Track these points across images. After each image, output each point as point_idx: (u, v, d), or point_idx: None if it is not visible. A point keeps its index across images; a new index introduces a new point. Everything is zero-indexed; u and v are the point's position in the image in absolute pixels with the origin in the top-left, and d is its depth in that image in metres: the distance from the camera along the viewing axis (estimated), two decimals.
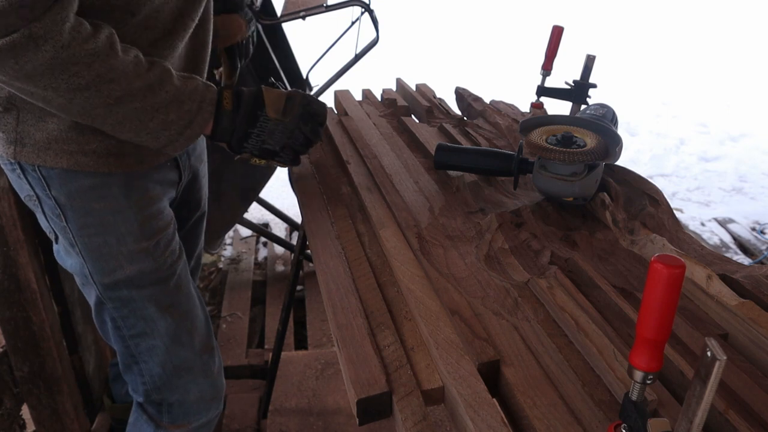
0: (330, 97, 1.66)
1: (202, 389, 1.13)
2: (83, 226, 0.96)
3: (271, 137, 0.99)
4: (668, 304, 0.48)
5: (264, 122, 0.98)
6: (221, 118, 0.96)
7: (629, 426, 0.54)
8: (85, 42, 0.77)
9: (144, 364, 1.08)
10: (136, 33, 0.88)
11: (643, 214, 0.96)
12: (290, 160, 1.03)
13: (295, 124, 0.99)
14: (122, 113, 0.85)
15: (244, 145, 0.98)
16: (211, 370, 1.14)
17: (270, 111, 0.98)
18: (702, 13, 7.58)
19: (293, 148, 1.01)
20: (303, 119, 1.00)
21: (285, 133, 0.99)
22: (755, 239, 3.02)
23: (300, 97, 1.01)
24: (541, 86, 1.34)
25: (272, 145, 0.99)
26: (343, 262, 0.90)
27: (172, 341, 1.07)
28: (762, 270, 0.81)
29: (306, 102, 1.01)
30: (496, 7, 7.55)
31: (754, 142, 4.30)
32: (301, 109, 1.00)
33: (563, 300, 0.76)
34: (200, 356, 1.11)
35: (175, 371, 1.09)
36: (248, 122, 0.97)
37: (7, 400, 1.46)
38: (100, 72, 0.80)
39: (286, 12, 2.02)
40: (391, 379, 0.67)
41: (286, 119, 0.99)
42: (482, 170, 1.08)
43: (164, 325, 1.05)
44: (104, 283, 1.00)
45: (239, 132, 0.98)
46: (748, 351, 0.71)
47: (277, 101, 0.99)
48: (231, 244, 2.84)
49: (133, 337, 1.06)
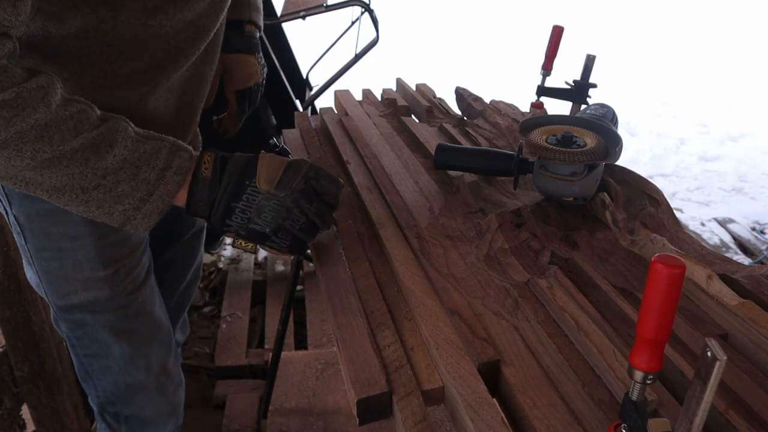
0: (330, 97, 1.66)
1: (158, 406, 1.11)
2: (41, 248, 0.93)
3: (259, 215, 0.78)
4: (668, 304, 0.48)
5: (251, 194, 0.78)
6: (197, 186, 0.78)
7: (629, 426, 0.54)
8: (3, 91, 0.64)
9: (98, 381, 1.06)
10: (116, 62, 0.80)
11: (643, 214, 0.96)
12: (288, 247, 0.81)
13: (293, 201, 0.79)
14: (57, 179, 0.70)
15: (227, 222, 0.79)
16: (167, 389, 1.11)
17: (261, 181, 0.78)
18: (702, 13, 7.58)
19: (292, 232, 0.80)
20: (306, 196, 0.79)
21: (278, 211, 0.78)
22: (755, 239, 3.02)
23: (305, 167, 0.81)
24: (541, 86, 1.34)
25: (260, 225, 0.79)
26: (343, 262, 0.90)
27: (126, 364, 1.03)
28: (762, 270, 0.81)
29: (313, 175, 0.81)
30: (496, 7, 7.55)
31: (754, 142, 4.30)
32: (303, 183, 0.79)
33: (563, 300, 0.76)
34: (156, 378, 1.08)
35: (128, 389, 1.07)
36: (232, 194, 0.78)
37: (7, 400, 1.46)
38: (22, 129, 0.66)
39: (286, 12, 2.02)
40: (391, 379, 0.67)
41: (282, 193, 0.78)
42: (482, 170, 1.08)
43: (118, 349, 1.02)
44: (58, 304, 0.98)
45: (221, 205, 0.78)
46: (748, 351, 0.71)
47: (272, 169, 0.79)
48: (231, 244, 2.84)
49: (87, 356, 1.04)
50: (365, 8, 1.99)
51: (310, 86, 2.22)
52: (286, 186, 0.78)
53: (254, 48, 1.19)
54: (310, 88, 2.22)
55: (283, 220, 0.79)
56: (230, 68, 1.18)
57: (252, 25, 1.18)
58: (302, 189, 0.79)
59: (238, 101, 1.20)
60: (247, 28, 1.17)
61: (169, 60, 0.85)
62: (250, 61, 1.18)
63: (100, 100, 0.80)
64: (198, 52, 0.89)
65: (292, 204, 0.79)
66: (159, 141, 0.76)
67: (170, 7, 0.79)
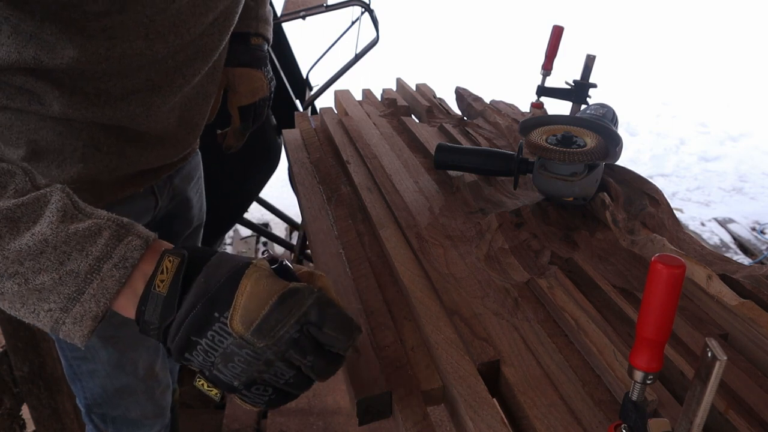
0: (330, 97, 1.66)
1: (145, 409, 1.11)
2: None
3: (225, 363, 0.55)
4: (668, 304, 0.48)
5: (218, 333, 0.54)
6: (146, 304, 0.56)
7: (629, 426, 0.54)
8: None
9: (85, 383, 1.06)
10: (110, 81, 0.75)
11: (643, 214, 0.96)
12: (266, 403, 0.58)
13: (276, 354, 0.54)
14: None
15: (186, 356, 0.56)
16: (155, 393, 1.11)
17: (235, 318, 0.54)
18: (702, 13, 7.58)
19: (274, 385, 0.57)
20: (298, 347, 0.55)
21: (252, 364, 0.54)
22: (755, 239, 3.02)
23: (306, 305, 0.55)
24: (541, 86, 1.34)
25: (227, 376, 0.55)
26: (343, 262, 0.90)
27: (113, 368, 1.02)
28: (762, 270, 0.81)
29: (314, 319, 0.55)
30: (496, 7, 7.55)
31: (754, 142, 4.30)
32: (296, 331, 0.54)
33: (563, 300, 0.76)
34: (144, 381, 1.07)
35: (116, 393, 1.06)
36: (194, 326, 0.55)
37: (7, 400, 1.46)
38: None
39: (286, 12, 2.02)
40: (391, 379, 0.67)
41: (260, 343, 0.53)
42: (482, 170, 1.08)
43: (105, 354, 1.01)
44: None
45: (179, 335, 0.55)
46: (748, 351, 0.71)
47: (255, 302, 0.54)
48: (231, 244, 2.84)
49: (75, 359, 1.03)
50: (365, 8, 1.99)
51: (310, 86, 2.22)
52: (268, 333, 0.53)
53: (261, 62, 1.13)
54: (310, 88, 2.22)
55: (260, 374, 0.55)
56: (234, 82, 1.12)
57: (259, 37, 1.13)
58: (293, 339, 0.54)
59: (242, 117, 1.13)
60: (253, 41, 1.12)
61: (165, 80, 0.79)
62: (256, 76, 1.12)
63: (92, 118, 0.78)
64: (200, 72, 0.85)
65: (274, 356, 0.54)
66: (101, 220, 0.57)
67: (171, 34, 0.75)
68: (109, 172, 0.87)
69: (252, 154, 1.79)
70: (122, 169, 0.89)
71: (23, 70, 0.72)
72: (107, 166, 0.86)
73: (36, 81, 0.74)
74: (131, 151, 0.88)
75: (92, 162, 0.84)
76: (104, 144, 0.84)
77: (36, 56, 0.69)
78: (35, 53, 0.69)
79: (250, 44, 1.12)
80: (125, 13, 0.69)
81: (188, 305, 0.55)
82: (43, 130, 0.79)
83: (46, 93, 0.74)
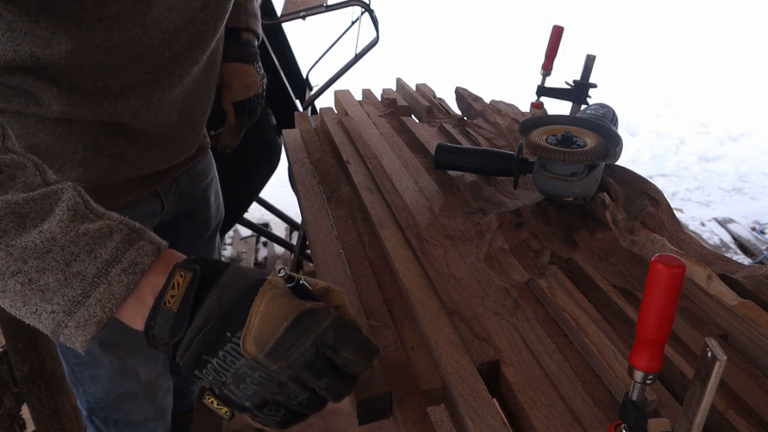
0: (330, 97, 1.66)
1: (146, 412, 1.11)
2: None
3: (237, 384, 0.54)
4: (668, 304, 0.48)
5: (230, 354, 0.54)
6: (156, 319, 0.55)
7: (629, 426, 0.54)
8: None
9: (87, 388, 1.06)
10: (109, 77, 0.75)
11: (643, 214, 0.96)
12: (278, 423, 0.57)
13: (290, 376, 0.54)
14: None
15: (196, 374, 0.56)
16: (156, 397, 1.11)
17: (248, 339, 0.53)
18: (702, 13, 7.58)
19: (287, 406, 0.56)
20: (313, 369, 0.54)
21: (265, 386, 0.54)
22: (755, 239, 3.02)
23: (323, 327, 0.53)
24: (541, 86, 1.34)
25: (238, 396, 0.55)
26: (343, 262, 0.90)
27: (115, 374, 1.02)
28: (762, 270, 0.81)
29: (331, 342, 0.53)
30: (496, 7, 7.55)
31: (754, 142, 4.30)
32: (312, 354, 0.53)
33: (563, 300, 0.76)
34: (145, 387, 1.07)
35: (118, 398, 1.06)
36: (205, 344, 0.54)
37: (7, 400, 1.46)
38: None
39: (286, 12, 2.02)
40: (391, 379, 0.67)
41: (274, 365, 0.53)
42: (482, 170, 1.08)
43: (107, 360, 1.01)
44: None
45: (189, 352, 0.54)
46: (748, 351, 0.71)
47: (269, 323, 0.53)
48: (231, 244, 2.84)
49: (77, 365, 1.03)
50: (365, 8, 1.99)
51: (310, 86, 2.22)
52: (283, 356, 0.52)
53: (252, 57, 1.13)
54: (310, 88, 2.22)
55: (272, 395, 0.55)
56: (228, 78, 1.12)
57: (249, 32, 1.13)
58: (308, 362, 0.53)
59: (237, 113, 1.13)
60: (244, 36, 1.12)
61: (163, 72, 0.79)
62: (248, 71, 1.12)
63: (92, 116, 0.78)
64: (197, 62, 0.84)
65: (288, 379, 0.54)
66: (113, 222, 0.56)
67: (165, 20, 0.75)
68: (110, 176, 0.86)
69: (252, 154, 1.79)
70: (123, 173, 0.88)
71: (20, 69, 0.71)
72: (108, 169, 0.86)
73: (33, 80, 0.73)
74: (132, 153, 0.87)
75: (92, 166, 0.84)
76: (104, 146, 0.83)
77: (32, 53, 0.68)
78: (31, 50, 0.68)
79: (241, 39, 1.12)
80: (121, 1, 0.68)
81: (200, 322, 0.54)
82: (41, 134, 0.79)
83: (44, 92, 0.74)
